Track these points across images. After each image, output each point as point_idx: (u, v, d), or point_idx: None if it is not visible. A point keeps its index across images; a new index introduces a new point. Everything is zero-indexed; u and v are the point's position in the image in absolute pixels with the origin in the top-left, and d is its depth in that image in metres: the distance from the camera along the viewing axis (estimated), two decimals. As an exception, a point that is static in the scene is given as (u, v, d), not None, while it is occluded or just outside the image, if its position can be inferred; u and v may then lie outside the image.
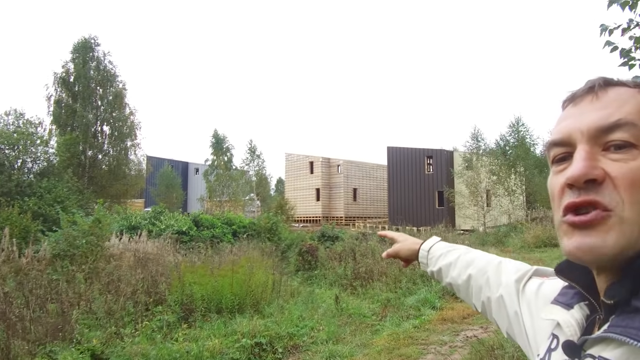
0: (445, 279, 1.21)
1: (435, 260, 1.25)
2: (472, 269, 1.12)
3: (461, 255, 1.19)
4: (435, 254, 1.26)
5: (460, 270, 1.16)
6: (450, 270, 1.19)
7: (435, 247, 1.28)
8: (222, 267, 8.26)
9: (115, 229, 13.33)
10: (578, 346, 0.66)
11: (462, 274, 1.14)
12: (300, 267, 12.85)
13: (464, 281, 1.14)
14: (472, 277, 1.11)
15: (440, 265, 1.23)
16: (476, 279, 1.10)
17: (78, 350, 5.12)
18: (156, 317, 6.61)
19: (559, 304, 0.76)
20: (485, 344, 5.37)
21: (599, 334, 0.62)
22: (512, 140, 31.90)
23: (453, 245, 1.27)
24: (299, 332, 6.46)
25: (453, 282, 1.18)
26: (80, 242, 9.03)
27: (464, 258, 1.18)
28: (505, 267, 1.05)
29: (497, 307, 1.01)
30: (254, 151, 42.89)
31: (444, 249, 1.25)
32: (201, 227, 17.79)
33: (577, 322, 0.70)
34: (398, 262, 6.50)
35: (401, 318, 7.64)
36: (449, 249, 1.25)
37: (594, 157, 0.64)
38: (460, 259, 1.18)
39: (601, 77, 0.70)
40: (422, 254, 1.30)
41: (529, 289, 0.93)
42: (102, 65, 29.99)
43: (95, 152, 29.79)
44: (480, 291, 1.08)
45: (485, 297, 1.05)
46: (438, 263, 1.24)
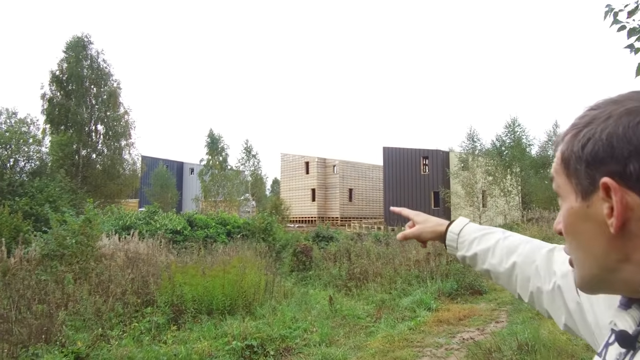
0: (482, 265, 1.14)
1: (469, 244, 1.17)
2: (517, 256, 1.06)
3: (500, 240, 1.12)
4: (467, 238, 1.18)
5: (501, 257, 1.09)
6: (488, 257, 1.13)
7: (467, 230, 1.20)
8: (214, 267, 8.11)
9: (107, 228, 13.18)
10: (632, 337, 0.65)
11: (504, 262, 1.08)
12: (294, 267, 12.72)
13: (506, 269, 1.08)
14: (517, 265, 1.06)
15: (476, 250, 1.15)
16: (522, 267, 1.05)
17: (62, 353, 4.97)
18: (145, 319, 6.46)
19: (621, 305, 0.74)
20: (482, 346, 5.25)
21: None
22: (508, 141, 31.90)
23: (486, 227, 1.19)
24: (292, 334, 6.31)
25: (492, 269, 1.12)
26: (69, 242, 8.87)
27: (504, 244, 1.11)
28: (559, 254, 1.00)
29: (551, 298, 0.98)
30: (250, 151, 42.81)
31: (477, 232, 1.18)
32: (195, 227, 17.64)
33: (633, 318, 0.69)
34: (392, 262, 6.41)
35: (396, 320, 7.52)
36: (483, 232, 1.17)
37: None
38: (500, 244, 1.11)
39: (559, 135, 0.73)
40: (450, 237, 1.21)
41: None
42: (96, 64, 29.81)
43: (89, 151, 29.61)
44: (528, 281, 1.03)
45: (534, 288, 1.02)
46: (472, 248, 1.16)
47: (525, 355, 4.71)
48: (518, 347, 4.98)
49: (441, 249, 11.56)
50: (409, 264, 11.07)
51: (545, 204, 29.09)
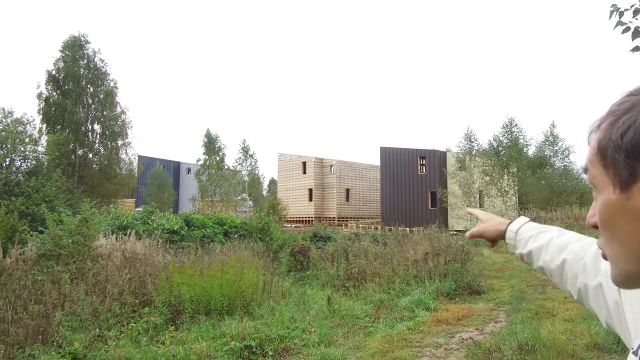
0: (537, 262, 1.17)
1: (525, 242, 1.20)
2: (567, 253, 1.07)
3: (553, 238, 1.14)
4: (524, 236, 1.21)
5: (553, 254, 1.11)
6: (542, 254, 1.15)
7: (524, 229, 1.23)
8: (212, 267, 8.07)
9: (104, 228, 13.11)
10: None
11: (556, 259, 1.10)
12: (292, 267, 12.69)
13: (557, 266, 1.09)
14: (567, 262, 1.07)
15: (531, 248, 1.18)
16: (571, 264, 1.06)
17: (59, 353, 4.93)
18: (143, 319, 6.41)
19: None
20: (482, 346, 5.23)
21: None
22: (505, 141, 31.91)
23: (543, 226, 1.22)
24: (290, 335, 6.28)
25: (545, 266, 1.14)
26: (66, 242, 8.81)
27: (557, 241, 1.12)
28: None
29: (595, 296, 0.97)
30: (247, 151, 42.74)
31: (533, 230, 1.20)
32: (192, 226, 17.59)
33: None
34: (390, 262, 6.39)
35: (395, 320, 7.49)
36: (539, 230, 1.20)
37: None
38: (553, 242, 1.13)
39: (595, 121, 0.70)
40: (509, 235, 1.26)
41: None
42: (93, 64, 29.69)
43: (86, 151, 29.48)
44: (576, 278, 1.04)
45: (581, 284, 1.02)
46: (528, 245, 1.19)
47: (525, 355, 4.69)
48: (518, 347, 4.96)
49: (439, 248, 11.56)
50: (407, 264, 11.05)
51: (542, 204, 29.18)
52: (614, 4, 2.94)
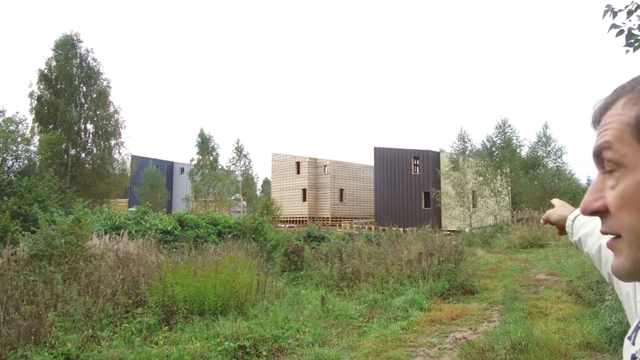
0: (584, 249, 1.18)
1: (577, 229, 1.22)
2: (604, 239, 1.05)
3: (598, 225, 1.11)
4: (577, 224, 1.23)
5: (594, 240, 1.12)
6: (587, 240, 1.16)
7: (581, 216, 1.23)
8: (206, 267, 8.05)
9: (97, 228, 13.04)
10: None
11: (595, 244, 1.11)
12: (285, 267, 12.68)
13: (596, 251, 1.10)
14: (602, 248, 1.07)
15: (580, 234, 1.20)
16: (606, 249, 1.03)
17: (52, 354, 4.90)
18: (136, 319, 6.39)
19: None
20: (475, 346, 5.25)
21: None
22: (499, 142, 32.05)
23: None
24: (284, 335, 6.28)
25: (589, 252, 1.15)
26: (58, 242, 8.75)
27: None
28: None
29: (618, 282, 0.97)
30: (241, 151, 42.65)
31: (587, 218, 1.19)
32: (186, 227, 17.54)
33: None
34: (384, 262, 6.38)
35: (389, 319, 7.50)
36: (591, 217, 1.18)
37: (600, 186, 0.65)
38: (597, 228, 1.11)
39: (603, 100, 0.69)
40: (567, 224, 1.28)
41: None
42: (85, 63, 29.56)
43: (79, 150, 29.35)
44: (607, 263, 1.04)
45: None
46: (579, 232, 1.21)
47: (518, 355, 4.71)
48: (511, 346, 4.99)
49: (432, 248, 11.59)
50: (400, 264, 11.07)
51: (535, 204, 29.29)
52: (609, 4, 2.96)
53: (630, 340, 0.73)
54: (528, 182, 32.75)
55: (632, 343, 0.72)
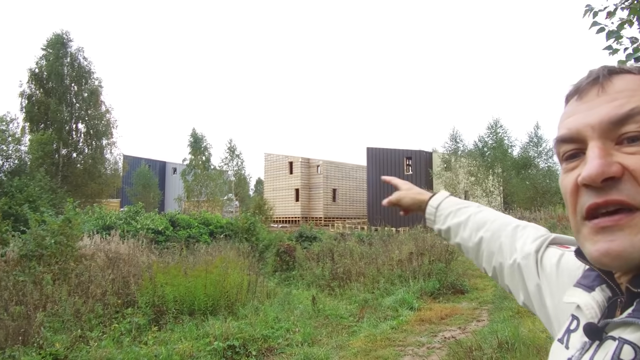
0: (454, 238, 1.15)
1: (444, 218, 1.18)
2: (485, 231, 1.06)
3: (472, 215, 1.12)
4: (444, 212, 1.19)
5: (471, 231, 1.09)
6: (460, 231, 1.13)
7: (445, 204, 1.20)
8: (196, 267, 8.04)
9: (88, 228, 12.99)
10: (600, 328, 0.63)
11: (473, 236, 1.08)
12: (277, 267, 12.69)
13: (475, 244, 1.08)
14: (484, 241, 1.05)
15: (450, 224, 1.16)
16: (488, 242, 1.04)
17: (40, 354, 4.89)
18: (126, 320, 6.38)
19: (580, 286, 0.72)
20: (463, 345, 5.29)
21: (622, 319, 0.59)
22: (490, 142, 32.23)
23: (464, 202, 1.19)
24: (274, 334, 6.30)
25: (463, 243, 1.12)
26: (49, 242, 8.71)
27: (475, 218, 1.11)
28: (522, 233, 0.99)
29: (510, 275, 0.96)
30: (234, 151, 42.61)
31: (454, 206, 1.18)
32: (177, 227, 17.48)
33: (598, 304, 0.67)
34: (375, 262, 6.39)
35: (379, 319, 7.54)
36: (459, 206, 1.17)
37: (609, 152, 0.61)
38: (472, 219, 1.11)
39: (604, 67, 0.67)
40: (429, 211, 1.23)
41: (548, 260, 0.88)
42: (76, 62, 29.41)
43: (70, 150, 29.22)
44: (491, 256, 1.03)
45: (497, 263, 1.01)
46: (447, 222, 1.17)
47: (505, 353, 4.76)
48: (498, 345, 5.03)
49: (423, 248, 11.64)
50: (391, 263, 11.12)
51: (527, 204, 29.48)
52: (588, 4, 3.02)
53: (563, 343, 0.71)
54: (520, 182, 32.94)
55: (565, 347, 0.70)
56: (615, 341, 0.59)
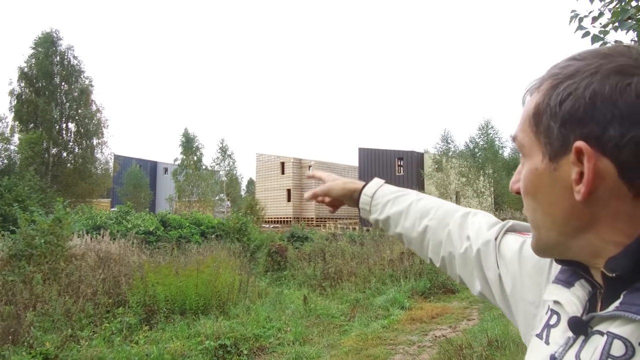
0: (395, 229, 1.08)
1: (382, 207, 1.11)
2: (429, 220, 1.01)
3: (413, 203, 1.07)
4: (380, 200, 1.12)
5: (414, 220, 1.04)
6: (401, 220, 1.06)
7: (381, 192, 1.14)
8: (188, 267, 8.03)
9: (78, 228, 12.90)
10: (585, 323, 0.62)
11: (417, 225, 1.02)
12: (269, 267, 12.69)
13: (419, 233, 1.02)
14: (429, 229, 1.00)
15: (389, 213, 1.09)
16: (435, 232, 0.99)
17: (30, 354, 4.87)
18: (117, 319, 6.36)
19: (559, 282, 0.71)
20: (453, 343, 5.33)
21: (609, 312, 0.58)
22: (482, 143, 32.38)
23: (401, 189, 1.13)
24: (266, 334, 6.31)
25: (405, 232, 1.06)
26: (38, 242, 8.66)
27: (417, 206, 1.05)
28: (473, 220, 0.96)
29: (462, 264, 0.93)
30: (225, 151, 42.51)
31: (391, 194, 1.12)
32: (168, 227, 17.40)
33: (579, 299, 0.66)
34: (367, 262, 6.34)
35: (370, 318, 7.58)
36: (397, 194, 1.11)
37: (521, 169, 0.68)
38: (413, 207, 1.05)
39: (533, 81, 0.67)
40: (364, 200, 1.15)
41: (507, 248, 0.86)
42: (66, 61, 29.18)
43: (60, 149, 29.00)
44: (439, 245, 0.98)
45: (446, 252, 0.97)
46: (385, 211, 1.10)
47: (494, 351, 4.81)
48: (488, 343, 5.08)
49: (415, 248, 11.68)
50: (383, 263, 11.16)
51: (517, 205, 29.64)
52: (574, 9, 3.07)
53: (542, 339, 0.70)
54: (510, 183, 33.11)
55: (545, 342, 0.69)
56: (604, 336, 0.57)
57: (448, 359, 4.93)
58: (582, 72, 0.59)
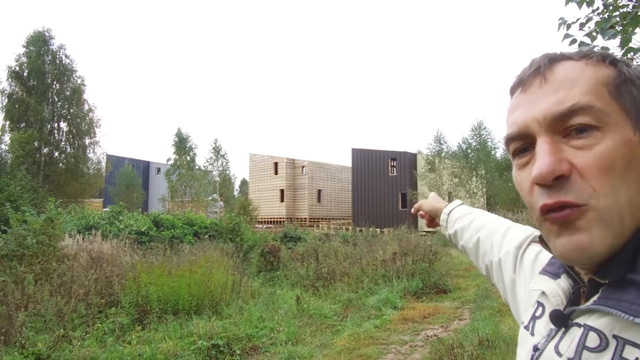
0: (460, 242, 1.20)
1: (453, 223, 1.24)
2: (482, 232, 1.10)
3: (475, 219, 1.17)
4: (453, 218, 1.24)
5: (471, 234, 1.14)
6: (464, 234, 1.17)
7: (455, 211, 1.26)
8: (180, 267, 8.03)
9: (70, 228, 12.85)
10: (565, 316, 0.63)
11: (473, 238, 1.12)
12: (262, 268, 12.68)
13: (473, 244, 1.12)
14: (480, 241, 1.09)
15: (456, 228, 1.21)
16: (483, 242, 1.08)
17: (22, 354, 4.85)
18: (109, 319, 6.35)
19: (546, 273, 0.73)
20: (445, 342, 5.37)
21: (588, 306, 0.59)
22: (474, 144, 32.54)
23: (472, 209, 1.25)
24: (258, 334, 6.32)
25: (465, 245, 1.16)
26: (30, 242, 8.62)
27: (477, 222, 1.15)
28: (512, 232, 1.01)
29: (497, 272, 0.99)
30: (219, 151, 42.46)
31: (462, 212, 1.23)
32: (161, 227, 17.36)
33: (564, 291, 0.68)
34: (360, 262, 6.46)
35: (362, 318, 7.60)
36: (466, 212, 1.23)
37: (557, 148, 0.60)
38: (474, 222, 1.16)
39: (545, 55, 0.66)
40: (442, 217, 1.29)
41: (528, 256, 0.90)
42: (58, 59, 28.98)
43: (52, 149, 28.80)
44: (485, 255, 1.06)
45: (488, 261, 1.04)
46: (455, 226, 1.22)
47: (485, 350, 4.85)
48: (479, 342, 5.13)
49: (407, 248, 11.75)
50: (375, 263, 11.20)
51: (509, 205, 29.82)
52: (562, 17, 3.11)
53: (529, 330, 0.72)
54: (503, 183, 33.31)
55: (530, 333, 0.71)
56: (581, 328, 0.59)
57: (439, 358, 4.96)
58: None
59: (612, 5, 3.09)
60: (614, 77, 0.61)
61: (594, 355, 0.56)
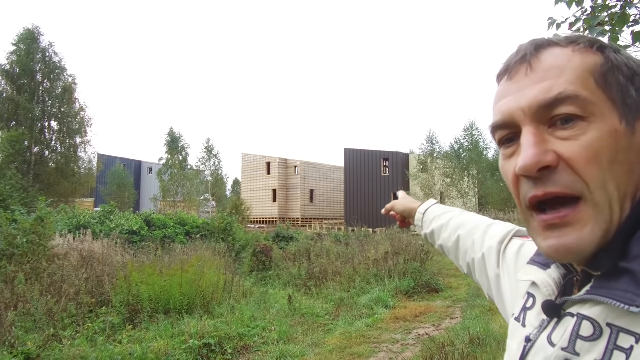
0: (438, 241, 1.19)
1: (429, 223, 1.23)
2: (462, 230, 1.10)
3: (453, 218, 1.16)
4: (429, 217, 1.24)
5: (450, 232, 1.13)
6: (442, 233, 1.17)
7: (431, 210, 1.25)
8: (172, 266, 8.00)
9: (61, 228, 12.77)
10: (558, 306, 0.63)
11: (452, 236, 1.12)
12: (254, 267, 12.67)
13: (453, 243, 1.11)
14: (461, 239, 1.09)
15: (433, 227, 1.20)
16: (464, 240, 1.07)
17: (12, 354, 4.81)
18: (100, 319, 6.31)
19: (535, 263, 0.72)
20: (436, 341, 5.40)
21: (581, 296, 0.59)
22: (466, 144, 32.65)
23: (448, 207, 1.24)
24: (250, 333, 6.32)
25: (444, 244, 1.16)
26: (20, 242, 8.56)
27: (456, 220, 1.15)
28: (494, 228, 1.01)
29: (480, 269, 0.99)
30: (211, 151, 42.29)
31: (439, 211, 1.23)
32: (153, 227, 17.28)
33: (555, 281, 0.67)
34: (352, 262, 6.52)
35: (354, 317, 7.62)
36: (443, 211, 1.22)
37: (543, 138, 0.59)
38: (452, 221, 1.15)
39: (532, 42, 0.65)
40: (417, 217, 1.28)
41: (510, 250, 0.90)
42: (48, 58, 28.71)
43: (42, 148, 28.56)
44: (466, 253, 1.06)
45: (470, 259, 1.04)
46: (431, 226, 1.21)
47: (476, 348, 4.88)
48: (470, 340, 5.15)
49: (399, 248, 11.78)
50: (368, 263, 11.22)
51: (501, 205, 29.99)
52: (551, 17, 3.13)
53: (520, 321, 0.71)
54: (494, 184, 33.47)
55: (522, 325, 0.70)
56: (574, 317, 0.59)
57: (431, 356, 4.98)
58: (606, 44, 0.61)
59: (601, 6, 3.12)
60: (601, 65, 0.60)
61: (588, 344, 0.56)
